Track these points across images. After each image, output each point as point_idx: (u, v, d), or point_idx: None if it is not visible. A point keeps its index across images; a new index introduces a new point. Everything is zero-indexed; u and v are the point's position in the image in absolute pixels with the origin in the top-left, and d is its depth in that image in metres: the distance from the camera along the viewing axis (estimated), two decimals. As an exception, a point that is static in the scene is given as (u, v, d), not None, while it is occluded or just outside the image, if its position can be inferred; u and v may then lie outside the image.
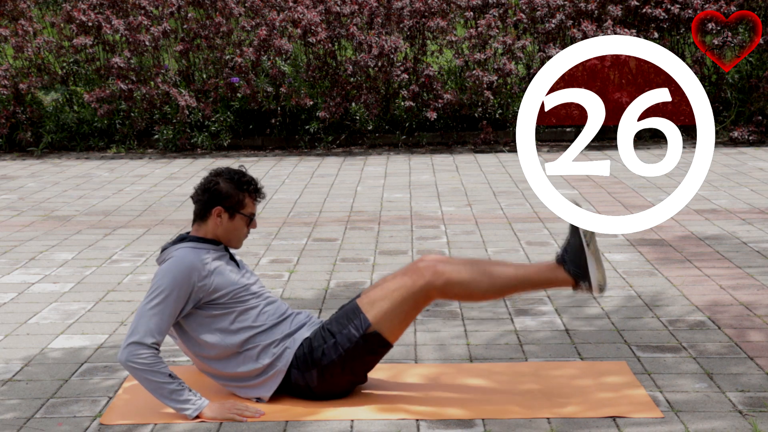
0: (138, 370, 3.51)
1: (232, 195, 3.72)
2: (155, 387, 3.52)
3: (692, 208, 7.24)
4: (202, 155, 10.96)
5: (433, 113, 10.79)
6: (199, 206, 3.75)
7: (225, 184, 3.71)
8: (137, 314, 3.59)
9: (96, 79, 11.49)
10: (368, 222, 7.13)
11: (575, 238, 3.73)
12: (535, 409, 3.60)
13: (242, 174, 3.76)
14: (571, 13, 11.08)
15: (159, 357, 3.54)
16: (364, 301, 3.69)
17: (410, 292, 3.63)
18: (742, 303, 4.90)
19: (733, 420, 3.48)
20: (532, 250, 6.13)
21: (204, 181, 3.76)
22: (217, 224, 3.73)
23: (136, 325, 3.56)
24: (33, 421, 3.59)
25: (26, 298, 5.22)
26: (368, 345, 3.64)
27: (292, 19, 11.04)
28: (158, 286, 3.59)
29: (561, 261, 3.73)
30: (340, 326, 3.67)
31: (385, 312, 3.63)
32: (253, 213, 3.79)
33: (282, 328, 3.71)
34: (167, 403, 3.54)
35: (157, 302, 3.56)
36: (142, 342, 3.51)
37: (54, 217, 7.50)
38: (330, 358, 3.63)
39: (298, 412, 3.61)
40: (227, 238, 3.77)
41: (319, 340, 3.67)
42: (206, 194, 3.72)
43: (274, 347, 3.67)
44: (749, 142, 10.89)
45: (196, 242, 3.73)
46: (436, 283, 3.63)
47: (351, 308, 3.70)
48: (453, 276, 3.63)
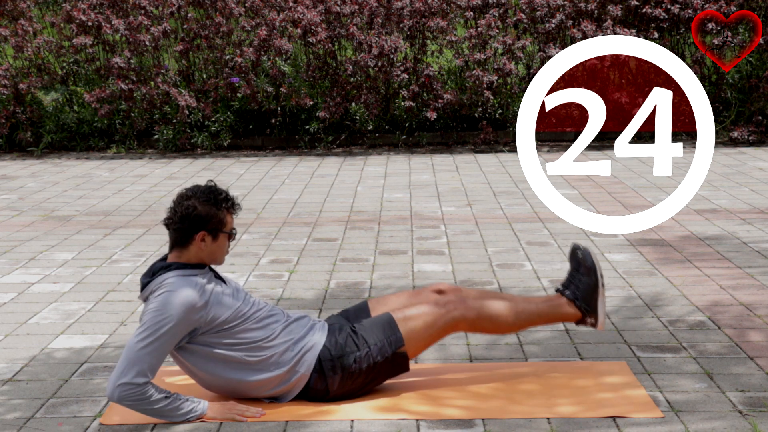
0: (131, 405, 3.45)
1: (212, 216, 3.57)
2: (153, 413, 3.48)
3: (692, 208, 7.24)
4: (202, 155, 10.96)
5: (433, 113, 10.79)
6: (179, 234, 3.58)
7: (203, 206, 3.56)
8: (127, 351, 3.43)
9: (96, 79, 11.49)
10: (368, 222, 7.13)
11: (591, 278, 3.87)
12: (535, 409, 3.60)
13: (216, 191, 3.61)
14: (571, 13, 11.08)
15: (151, 386, 3.44)
16: (399, 316, 3.72)
17: (442, 321, 3.73)
18: (743, 303, 4.90)
19: (733, 420, 3.48)
20: (532, 250, 6.13)
21: (178, 207, 3.59)
22: (201, 248, 3.59)
23: (127, 363, 3.41)
24: (33, 421, 3.59)
25: (26, 298, 5.22)
26: (395, 362, 3.69)
27: (292, 19, 11.04)
28: (152, 322, 3.44)
29: (572, 298, 3.88)
30: (376, 338, 3.68)
31: (416, 333, 3.70)
32: (233, 227, 3.68)
33: (290, 331, 3.67)
34: (169, 421, 3.50)
35: (150, 341, 3.42)
36: (132, 383, 3.40)
37: (54, 217, 7.50)
38: (360, 366, 3.64)
39: (298, 412, 3.61)
40: (212, 259, 3.65)
41: (351, 347, 3.66)
42: (186, 221, 3.56)
43: (289, 353, 3.63)
44: (749, 142, 10.89)
45: (182, 269, 3.57)
46: (468, 316, 3.76)
47: (386, 321, 3.72)
48: (484, 311, 3.78)
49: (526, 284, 5.34)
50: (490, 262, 5.84)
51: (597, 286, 3.86)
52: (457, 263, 5.83)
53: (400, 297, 3.95)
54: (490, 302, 3.82)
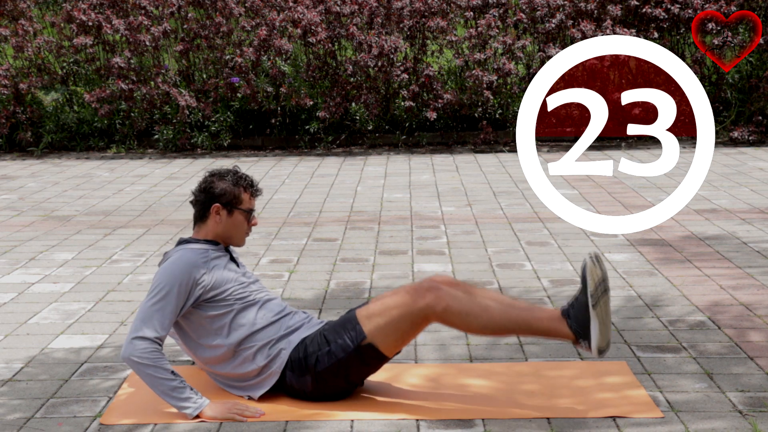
0: (140, 364, 3.52)
1: (228, 191, 3.79)
2: (157, 383, 3.53)
3: (692, 208, 7.24)
4: (202, 155, 10.96)
5: (433, 113, 10.79)
6: (198, 207, 3.85)
7: (220, 181, 3.81)
8: (139, 311, 3.63)
9: (96, 79, 11.49)
10: (368, 222, 7.13)
11: (582, 296, 3.54)
12: (535, 409, 3.60)
13: (236, 172, 3.86)
14: (571, 12, 11.08)
15: (161, 353, 3.56)
16: (362, 313, 3.68)
17: (408, 312, 3.60)
18: (743, 303, 4.90)
19: (733, 420, 3.48)
20: (532, 250, 6.13)
21: (200, 182, 3.86)
22: (217, 222, 3.80)
23: (138, 321, 3.59)
24: (33, 421, 3.59)
25: (26, 298, 5.22)
26: (362, 356, 3.64)
27: (292, 19, 11.04)
28: (159, 283, 3.65)
29: (566, 315, 3.56)
30: (336, 335, 3.67)
31: (381, 327, 3.62)
32: (252, 208, 3.85)
33: (278, 328, 3.72)
34: (168, 400, 3.54)
35: (158, 299, 3.61)
36: (144, 336, 3.55)
37: (54, 217, 7.50)
38: (323, 365, 3.64)
39: (298, 412, 3.61)
40: (228, 235, 3.83)
41: (314, 346, 3.68)
42: (203, 194, 3.82)
43: (269, 348, 3.69)
44: (749, 142, 10.89)
45: (196, 243, 3.80)
46: (436, 308, 3.57)
47: (349, 318, 3.71)
48: (453, 304, 3.57)
49: (526, 284, 5.34)
50: (490, 262, 5.84)
51: (587, 306, 3.50)
52: (457, 263, 5.83)
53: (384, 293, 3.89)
54: (466, 297, 3.59)
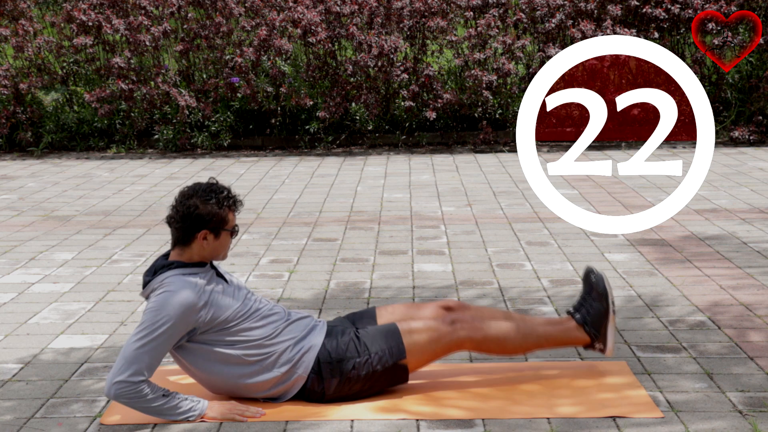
0: (130, 403, 3.45)
1: (215, 215, 3.58)
2: (152, 411, 3.48)
3: (692, 208, 7.24)
4: (202, 155, 10.96)
5: (432, 113, 10.79)
6: (181, 232, 3.59)
7: (205, 206, 3.56)
8: (125, 350, 3.45)
9: (96, 79, 11.49)
10: (368, 222, 7.13)
11: (602, 304, 3.86)
12: (535, 409, 3.60)
13: (217, 189, 3.61)
14: (571, 12, 11.08)
15: (147, 385, 3.44)
16: (404, 328, 3.71)
17: (447, 339, 3.73)
18: (743, 303, 4.90)
19: (733, 420, 3.48)
20: (532, 250, 6.13)
21: (180, 206, 3.58)
22: (204, 246, 3.61)
23: (124, 362, 3.42)
24: (33, 421, 3.58)
25: (26, 298, 5.22)
26: (394, 374, 3.69)
27: (292, 19, 11.04)
28: (150, 322, 3.45)
29: (582, 323, 3.87)
30: (378, 346, 3.67)
31: (419, 346, 3.70)
32: (236, 224, 3.69)
33: (290, 331, 3.67)
34: (169, 419, 3.50)
35: (148, 339, 3.43)
36: (129, 381, 3.41)
37: (54, 217, 7.49)
38: (359, 372, 3.64)
39: (298, 412, 3.61)
40: (214, 255, 3.66)
41: (352, 352, 3.65)
42: (187, 220, 3.57)
43: (289, 353, 3.63)
44: (749, 142, 10.89)
45: (183, 268, 3.59)
46: (475, 337, 3.76)
47: (391, 331, 3.71)
48: (491, 333, 3.77)
49: (526, 284, 5.34)
50: (490, 262, 5.83)
51: (608, 313, 3.84)
52: (457, 263, 5.83)
53: (410, 309, 3.92)
54: (497, 323, 3.80)
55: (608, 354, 3.86)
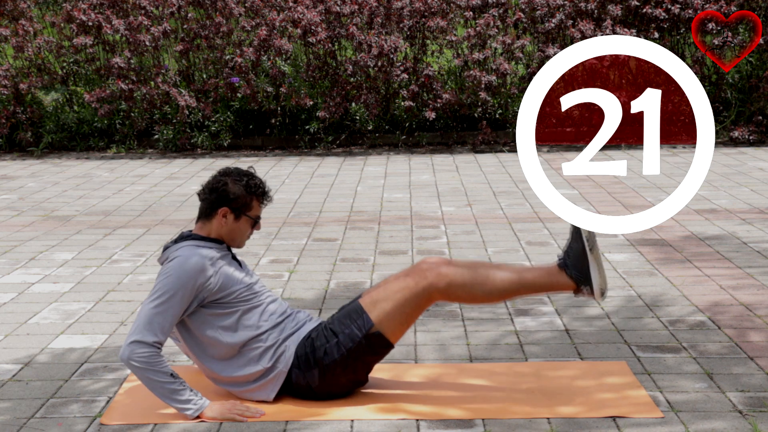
0: (139, 368, 3.50)
1: (240, 197, 3.71)
2: (156, 386, 3.52)
3: (692, 208, 7.24)
4: (202, 155, 10.96)
5: (432, 113, 10.79)
6: (206, 204, 3.74)
7: (233, 185, 3.70)
8: (140, 313, 3.58)
9: (96, 79, 11.49)
10: (368, 222, 7.13)
11: (577, 243, 3.70)
12: (535, 409, 3.60)
13: (251, 176, 3.75)
14: (570, 12, 11.08)
15: (161, 356, 3.53)
16: (366, 301, 3.69)
17: (413, 293, 3.64)
18: (743, 303, 4.90)
19: (733, 420, 3.48)
20: (532, 250, 6.13)
21: (212, 179, 3.75)
22: (222, 224, 3.73)
23: (139, 323, 3.54)
24: (33, 421, 3.59)
25: (26, 298, 5.22)
26: (370, 345, 3.65)
27: (292, 19, 11.04)
28: (162, 285, 3.57)
29: (563, 265, 3.71)
30: (343, 326, 3.67)
31: (387, 312, 3.64)
32: (259, 216, 3.80)
33: (283, 329, 3.71)
34: (168, 403, 3.53)
35: (160, 302, 3.55)
36: (143, 341, 3.50)
37: (54, 217, 7.50)
38: (332, 357, 3.63)
39: (298, 412, 3.61)
40: (230, 238, 3.77)
41: (321, 340, 3.67)
42: (214, 194, 3.71)
43: (275, 348, 3.67)
44: (749, 142, 10.89)
45: (199, 240, 3.71)
46: (439, 285, 3.64)
47: (353, 308, 3.70)
48: (456, 278, 3.64)
49: (526, 284, 5.33)
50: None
51: (584, 251, 3.65)
52: (457, 263, 5.83)
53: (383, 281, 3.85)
54: (466, 269, 3.67)
55: (597, 297, 3.67)
